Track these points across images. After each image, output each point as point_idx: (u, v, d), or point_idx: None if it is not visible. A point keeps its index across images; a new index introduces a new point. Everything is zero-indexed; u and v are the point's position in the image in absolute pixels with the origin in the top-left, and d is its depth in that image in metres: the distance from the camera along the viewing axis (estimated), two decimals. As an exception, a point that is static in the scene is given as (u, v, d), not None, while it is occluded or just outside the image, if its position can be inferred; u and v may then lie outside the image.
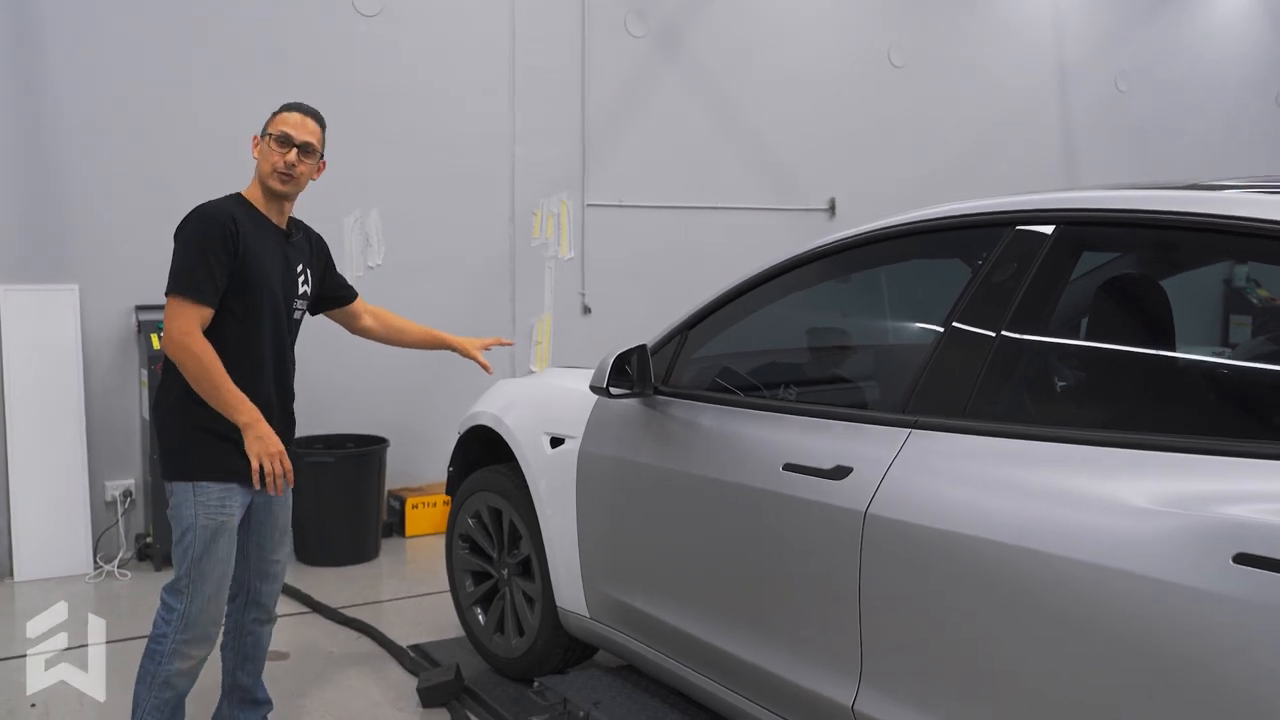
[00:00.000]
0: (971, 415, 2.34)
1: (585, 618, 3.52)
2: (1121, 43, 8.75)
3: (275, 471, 2.97)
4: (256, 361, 3.10)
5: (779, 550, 2.70)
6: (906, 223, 2.71)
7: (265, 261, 3.06)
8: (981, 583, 2.19)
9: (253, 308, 3.05)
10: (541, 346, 6.50)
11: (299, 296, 3.24)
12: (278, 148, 3.08)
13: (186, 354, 2.91)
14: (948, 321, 2.47)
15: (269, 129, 3.11)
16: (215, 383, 2.92)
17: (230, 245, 2.95)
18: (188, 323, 2.90)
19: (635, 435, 3.24)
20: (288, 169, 3.07)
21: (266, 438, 2.96)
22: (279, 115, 3.14)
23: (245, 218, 3.03)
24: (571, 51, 6.49)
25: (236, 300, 3.02)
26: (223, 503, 3.03)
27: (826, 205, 7.42)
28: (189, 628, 3.03)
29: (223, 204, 3.05)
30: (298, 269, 3.23)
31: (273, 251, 3.11)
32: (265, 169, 3.08)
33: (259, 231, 3.07)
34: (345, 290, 3.57)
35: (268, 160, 3.08)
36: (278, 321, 3.15)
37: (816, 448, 2.63)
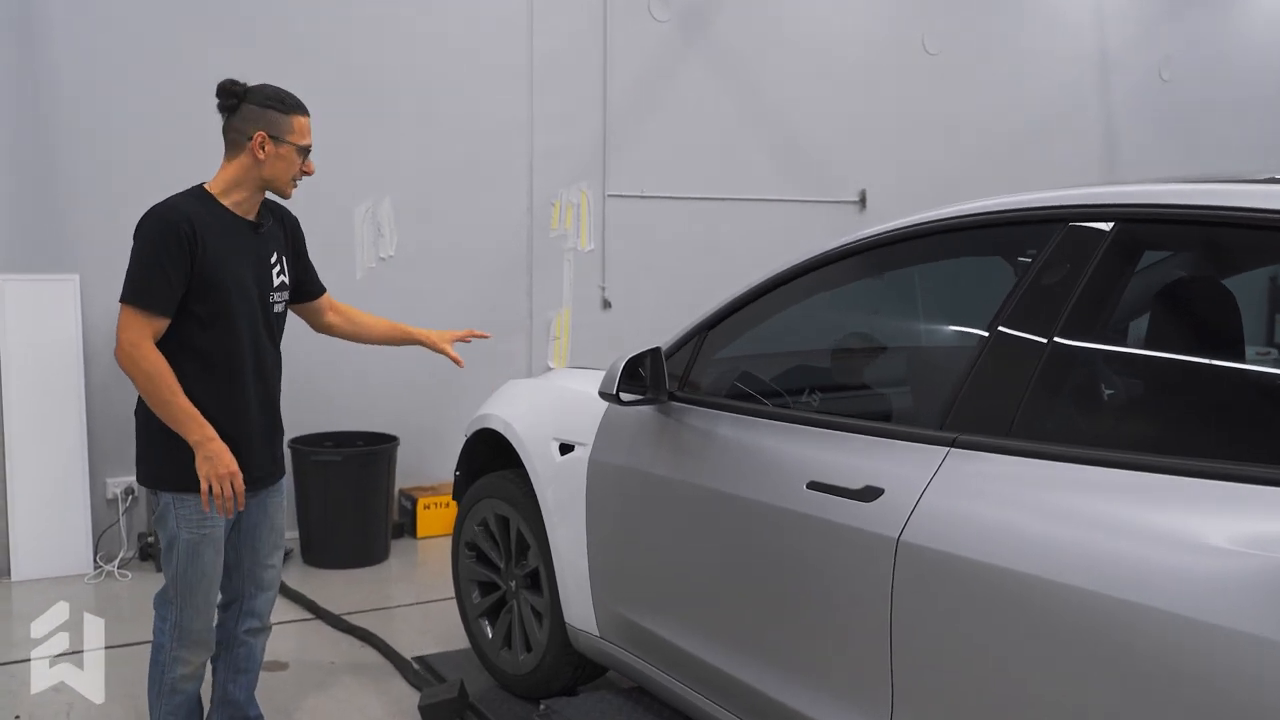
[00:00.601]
0: (1019, 433, 2.09)
1: (595, 636, 3.30)
2: (1165, 29, 8.42)
3: (225, 494, 2.81)
4: (234, 367, 2.92)
5: (802, 575, 2.47)
6: (945, 218, 2.46)
7: (232, 261, 2.87)
8: (1029, 624, 1.94)
9: (222, 311, 2.87)
10: (559, 342, 6.29)
11: (275, 289, 3.04)
12: (299, 158, 2.94)
13: (134, 367, 2.76)
14: (992, 327, 2.23)
15: (288, 137, 2.90)
16: (164, 397, 2.77)
17: (186, 249, 2.76)
18: (137, 334, 2.75)
19: (648, 444, 3.01)
20: (304, 176, 2.98)
21: (216, 457, 2.79)
22: (297, 120, 2.92)
23: (207, 216, 2.83)
24: (592, 35, 6.25)
25: (202, 305, 2.84)
26: (205, 514, 2.89)
27: (857, 197, 7.16)
28: (183, 636, 2.98)
29: (180, 203, 2.84)
30: (271, 259, 3.02)
31: (241, 248, 2.91)
32: (282, 176, 2.92)
33: (223, 229, 2.87)
34: (313, 283, 3.33)
35: (287, 169, 2.92)
36: (254, 322, 2.96)
37: (844, 465, 2.39)
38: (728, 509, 2.68)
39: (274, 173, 2.90)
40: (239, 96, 2.89)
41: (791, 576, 2.50)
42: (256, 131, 2.86)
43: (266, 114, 2.88)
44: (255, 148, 2.87)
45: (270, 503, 3.12)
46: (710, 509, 2.75)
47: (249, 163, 2.88)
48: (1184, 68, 8.47)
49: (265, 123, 2.87)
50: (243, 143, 2.88)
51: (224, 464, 2.80)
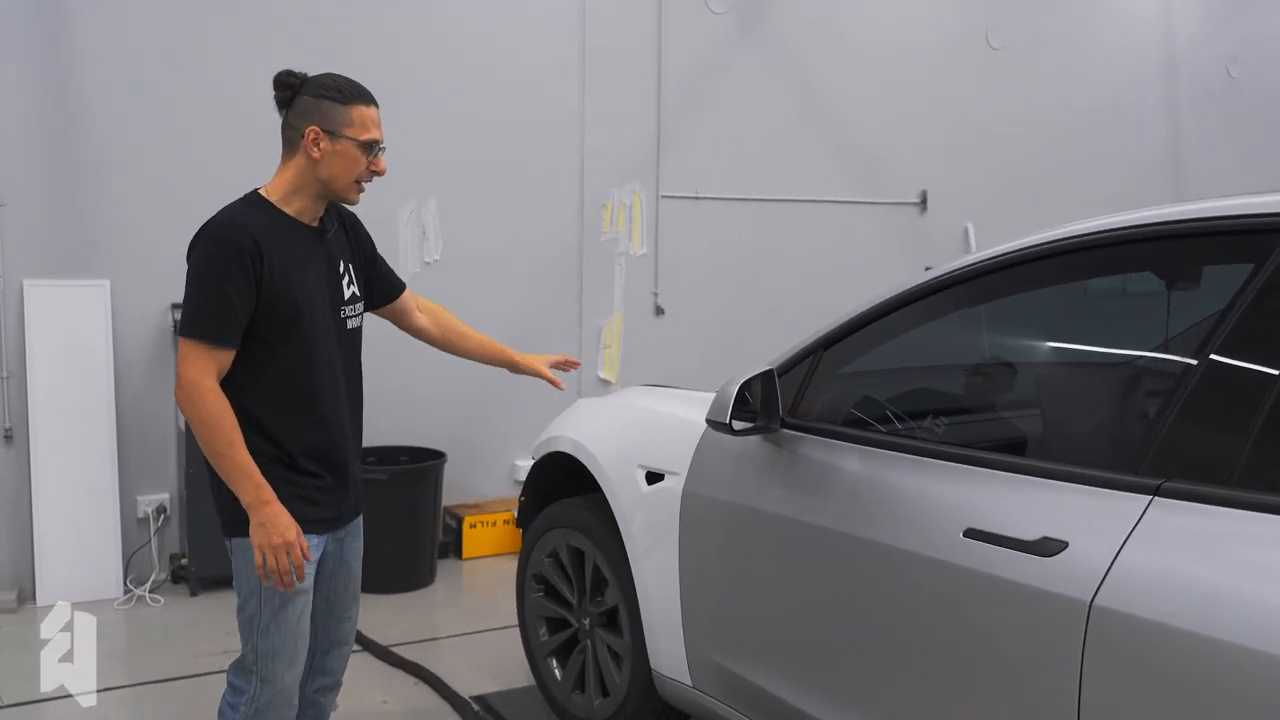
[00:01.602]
0: (1243, 483, 1.77)
1: (686, 686, 2.98)
2: (1234, 25, 8.05)
3: (281, 568, 2.41)
4: (311, 397, 2.55)
5: (956, 637, 2.14)
6: (1120, 228, 2.13)
7: (300, 277, 2.50)
8: (1264, 711, 1.62)
9: (295, 335, 2.50)
10: (610, 351, 5.97)
11: (348, 302, 2.67)
12: (364, 154, 2.52)
13: (191, 408, 2.39)
14: (1202, 354, 1.90)
15: (346, 131, 2.49)
16: (219, 449, 2.39)
17: (251, 272, 2.40)
18: (198, 370, 2.38)
19: (756, 477, 2.69)
20: (373, 178, 2.56)
21: (270, 523, 2.39)
22: (357, 111, 2.51)
23: (269, 229, 2.45)
24: (646, 30, 5.93)
25: (272, 330, 2.47)
26: None
27: (918, 199, 6.82)
28: (260, 715, 2.57)
29: (238, 217, 2.45)
30: (340, 269, 2.65)
31: (309, 260, 2.54)
32: (342, 176, 2.50)
33: (288, 241, 2.49)
34: (392, 282, 2.94)
35: (349, 168, 2.50)
36: (330, 343, 2.60)
37: (1011, 511, 2.07)
38: (859, 555, 2.36)
39: (332, 173, 2.50)
40: (294, 89, 2.52)
41: (941, 638, 2.18)
42: (309, 126, 2.47)
43: (321, 105, 2.49)
44: (309, 145, 2.48)
45: (348, 548, 2.75)
46: (836, 554, 2.43)
47: (304, 163, 2.50)
48: (1251, 65, 8.12)
49: (319, 116, 2.48)
50: (296, 140, 2.50)
51: (279, 531, 2.40)
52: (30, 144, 4.66)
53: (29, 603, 4.72)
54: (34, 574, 4.71)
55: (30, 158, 4.67)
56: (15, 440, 4.72)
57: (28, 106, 4.65)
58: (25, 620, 4.55)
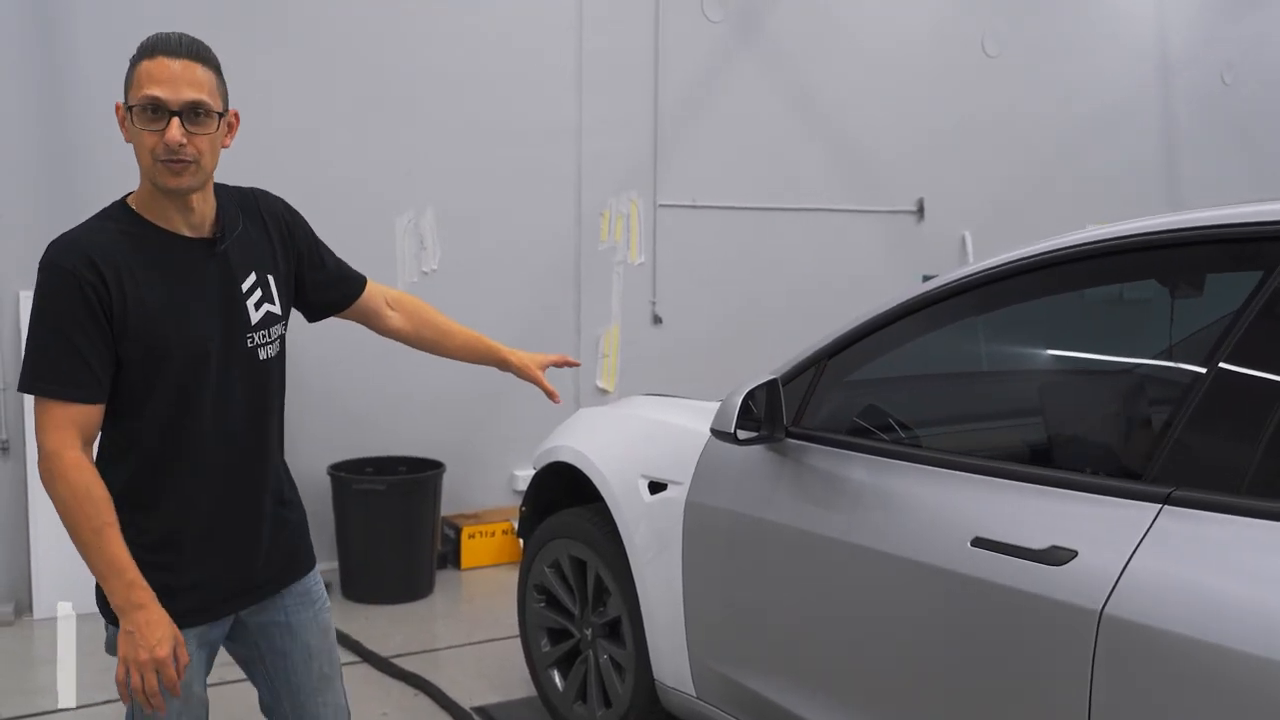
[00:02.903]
0: (1255, 491, 1.76)
1: (690, 697, 2.97)
2: (1229, 32, 8.08)
3: (148, 688, 1.92)
4: (197, 458, 2.06)
5: (963, 646, 2.13)
6: (1127, 235, 2.13)
7: (175, 303, 1.99)
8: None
9: (169, 379, 2.00)
10: (609, 360, 5.95)
11: (256, 327, 2.11)
12: (148, 123, 1.93)
13: (52, 485, 1.92)
14: (1210, 362, 1.89)
15: (129, 96, 1.96)
16: (84, 536, 1.92)
17: (99, 308, 1.92)
18: (57, 438, 1.91)
19: (761, 486, 2.68)
20: (174, 153, 1.92)
21: (141, 633, 1.91)
22: (140, 66, 1.96)
23: (122, 246, 1.96)
24: (644, 37, 5.92)
25: (136, 376, 1.99)
26: None
27: (915, 207, 6.83)
28: None
29: (80, 237, 1.98)
30: (245, 284, 2.10)
31: (189, 280, 2.02)
32: (144, 159, 1.96)
33: (155, 259, 1.99)
34: (348, 278, 2.40)
35: (142, 145, 1.95)
36: (223, 385, 2.07)
37: (1018, 520, 2.06)
38: (865, 564, 2.34)
39: (139, 159, 1.97)
40: None
41: (949, 648, 2.17)
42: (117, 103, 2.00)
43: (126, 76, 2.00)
44: (120, 126, 1.99)
45: (298, 618, 2.24)
46: (842, 563, 2.41)
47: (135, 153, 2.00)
48: (1246, 72, 8.14)
49: (123, 89, 2.00)
50: None
51: (147, 645, 1.91)
52: (25, 154, 4.64)
53: (26, 615, 4.68)
54: (31, 586, 4.68)
55: (25, 168, 4.64)
56: (12, 452, 4.70)
57: (23, 117, 4.63)
58: (22, 632, 4.52)
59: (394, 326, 2.50)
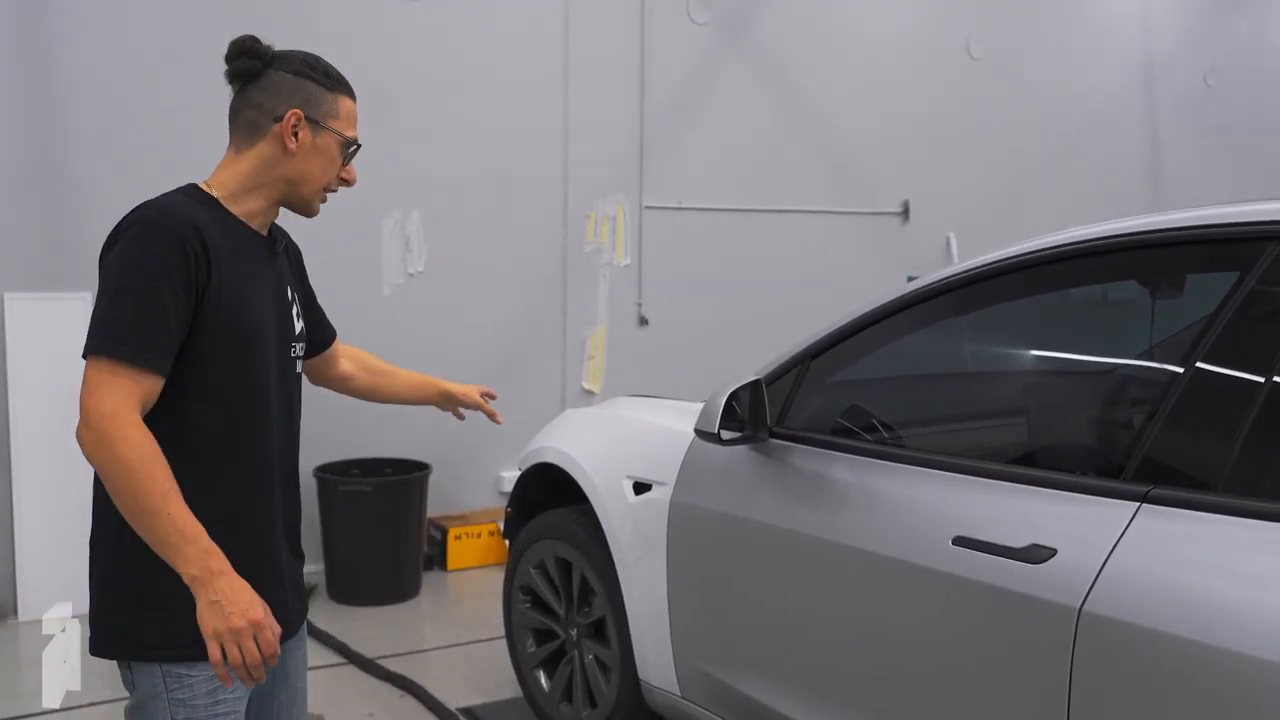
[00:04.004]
0: (1231, 489, 1.78)
1: (675, 696, 2.98)
2: (1212, 35, 8.14)
3: (249, 660, 1.75)
4: (260, 457, 1.96)
5: (945, 645, 2.15)
6: (1108, 236, 2.15)
7: (251, 293, 1.94)
8: (1254, 715, 1.64)
9: (243, 370, 1.92)
10: (594, 361, 5.96)
11: (296, 338, 2.09)
12: (342, 154, 2.03)
13: (110, 451, 1.72)
14: (1188, 361, 1.91)
15: (331, 123, 2.01)
16: (154, 503, 1.73)
17: (194, 277, 1.82)
18: (116, 400, 1.74)
19: (744, 486, 2.69)
20: (340, 188, 2.06)
21: (228, 599, 1.74)
22: (344, 102, 2.04)
23: (216, 227, 1.89)
24: (629, 39, 5.94)
25: (212, 360, 1.87)
26: (216, 695, 1.86)
27: (900, 209, 6.85)
28: None
29: (180, 205, 1.87)
30: (289, 295, 2.09)
31: (260, 275, 1.98)
32: (316, 177, 1.99)
33: (238, 247, 1.93)
34: (328, 327, 2.38)
35: (325, 169, 2.00)
36: (282, 390, 2.02)
37: (999, 519, 2.08)
38: (848, 563, 2.36)
39: (305, 171, 1.97)
40: (264, 59, 2.00)
41: (931, 645, 2.19)
42: (291, 109, 1.95)
43: (304, 87, 1.98)
44: (285, 132, 1.94)
45: (291, 661, 2.10)
46: (825, 562, 2.43)
47: (271, 154, 1.95)
48: (1229, 74, 8.20)
49: (301, 98, 1.97)
50: (264, 125, 1.95)
51: (241, 611, 1.74)
52: (11, 156, 4.63)
53: (10, 618, 4.67)
54: (15, 589, 4.66)
55: (11, 170, 4.63)
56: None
57: (9, 119, 4.62)
58: (7, 635, 4.51)
59: (345, 372, 2.45)
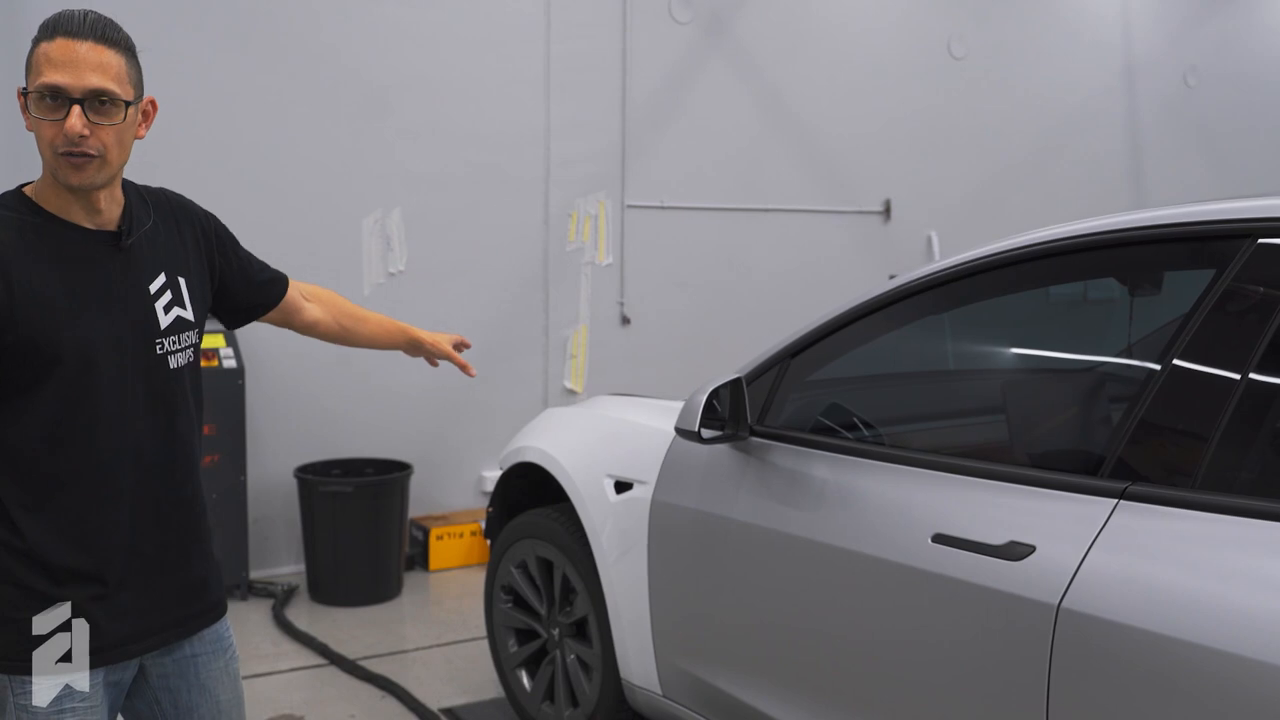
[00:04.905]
0: (1208, 486, 1.79)
1: (656, 695, 2.98)
2: (1192, 35, 8.17)
3: None
4: (95, 477, 1.85)
5: (924, 642, 2.15)
6: (1082, 235, 2.15)
7: (71, 300, 1.80)
8: (1228, 710, 1.64)
9: (58, 383, 1.79)
10: (577, 361, 5.95)
11: (167, 331, 1.92)
12: (47, 112, 1.74)
13: None
14: (1165, 358, 1.92)
15: (28, 80, 1.76)
16: None
17: None
18: None
19: (725, 485, 2.69)
20: (74, 145, 1.74)
21: None
22: (38, 49, 1.77)
23: (18, 236, 1.77)
24: (611, 38, 5.93)
25: (19, 379, 1.78)
26: (61, 705, 1.81)
27: (881, 207, 6.86)
28: None
29: None
30: (154, 285, 1.91)
31: (89, 276, 1.83)
32: (44, 151, 1.77)
33: (51, 251, 1.80)
34: (271, 281, 2.24)
35: (41, 137, 1.76)
36: (130, 391, 1.87)
37: (977, 516, 2.08)
38: (828, 561, 2.36)
39: (38, 145, 1.78)
40: None
41: (910, 642, 2.19)
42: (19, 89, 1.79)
43: None
44: (23, 114, 1.79)
45: (206, 669, 2.00)
46: (805, 560, 2.43)
47: None
48: (1209, 74, 8.24)
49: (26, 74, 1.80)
50: None
51: None
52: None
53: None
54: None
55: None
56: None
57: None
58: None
59: (313, 318, 2.34)
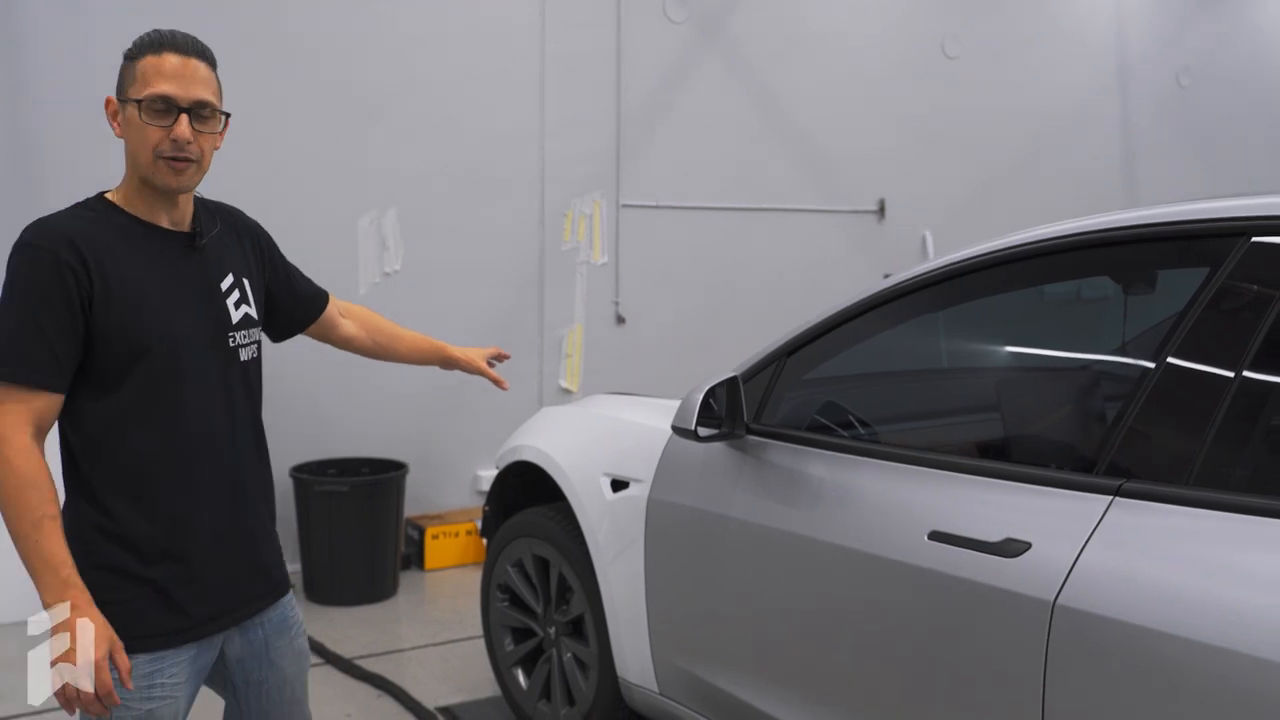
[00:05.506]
0: (1202, 482, 1.80)
1: (653, 693, 2.99)
2: (1184, 35, 8.20)
3: (83, 696, 1.80)
4: (180, 462, 1.98)
5: (921, 640, 2.16)
6: (1077, 233, 2.16)
7: (153, 298, 1.94)
8: (1226, 706, 1.65)
9: (147, 373, 1.93)
10: (572, 360, 5.96)
11: (236, 327, 2.07)
12: (156, 119, 1.91)
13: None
14: (1159, 356, 1.93)
15: (131, 91, 1.93)
16: (24, 529, 1.81)
17: (75, 292, 1.86)
18: (7, 420, 1.83)
19: (722, 483, 2.70)
20: (180, 150, 1.92)
21: (74, 636, 1.79)
22: (145, 61, 1.94)
23: (102, 235, 1.92)
24: (606, 38, 5.94)
25: (112, 370, 1.92)
26: (152, 681, 1.94)
27: (876, 207, 6.88)
28: None
29: (64, 222, 1.92)
30: (224, 283, 2.07)
31: (171, 273, 1.99)
32: (143, 156, 1.93)
33: (137, 248, 1.95)
34: (315, 295, 2.41)
35: (144, 142, 1.92)
36: (211, 381, 2.02)
37: (973, 514, 2.09)
38: (825, 560, 2.37)
39: (132, 149, 1.94)
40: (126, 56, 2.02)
41: (907, 640, 2.20)
42: (108, 97, 1.99)
43: (120, 71, 1.99)
44: (111, 122, 1.98)
45: (275, 647, 2.15)
46: (802, 559, 2.44)
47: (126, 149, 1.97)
48: (1202, 74, 8.27)
49: (117, 83, 1.98)
50: None
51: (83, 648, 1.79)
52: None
53: (-19, 621, 4.63)
54: (-12, 591, 4.62)
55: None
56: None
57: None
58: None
59: (348, 334, 2.49)
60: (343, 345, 2.51)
